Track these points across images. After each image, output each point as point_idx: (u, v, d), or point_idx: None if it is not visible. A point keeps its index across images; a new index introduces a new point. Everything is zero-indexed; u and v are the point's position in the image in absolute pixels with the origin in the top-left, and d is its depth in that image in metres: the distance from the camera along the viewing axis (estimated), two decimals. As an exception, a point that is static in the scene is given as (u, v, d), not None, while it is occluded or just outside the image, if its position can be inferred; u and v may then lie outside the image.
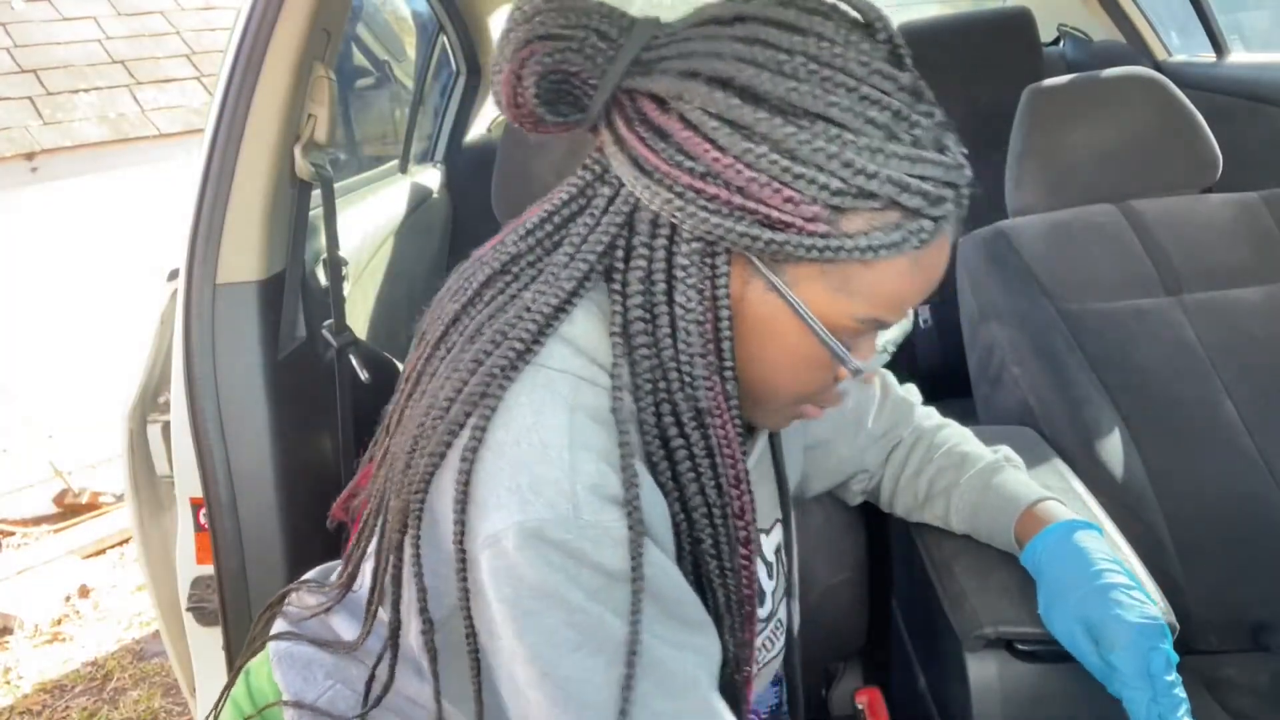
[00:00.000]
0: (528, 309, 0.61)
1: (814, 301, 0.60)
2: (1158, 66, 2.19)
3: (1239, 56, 2.08)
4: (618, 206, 0.62)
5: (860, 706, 1.05)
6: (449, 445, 0.60)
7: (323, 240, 1.38)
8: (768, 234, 0.57)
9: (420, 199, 2.28)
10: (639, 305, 0.61)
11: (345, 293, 1.40)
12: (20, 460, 3.43)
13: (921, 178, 0.57)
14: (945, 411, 1.03)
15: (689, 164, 0.58)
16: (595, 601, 0.57)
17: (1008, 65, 2.17)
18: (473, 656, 0.62)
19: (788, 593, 0.87)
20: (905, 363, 2.20)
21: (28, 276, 3.51)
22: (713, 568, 0.66)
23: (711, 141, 0.57)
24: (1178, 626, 0.85)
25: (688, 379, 0.62)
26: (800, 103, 0.56)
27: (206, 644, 1.25)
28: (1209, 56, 2.12)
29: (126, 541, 3.04)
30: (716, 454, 0.63)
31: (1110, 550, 0.82)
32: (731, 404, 0.63)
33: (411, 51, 2.71)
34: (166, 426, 1.23)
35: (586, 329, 0.63)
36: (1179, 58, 2.28)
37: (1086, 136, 1.46)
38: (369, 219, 1.92)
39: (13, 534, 3.17)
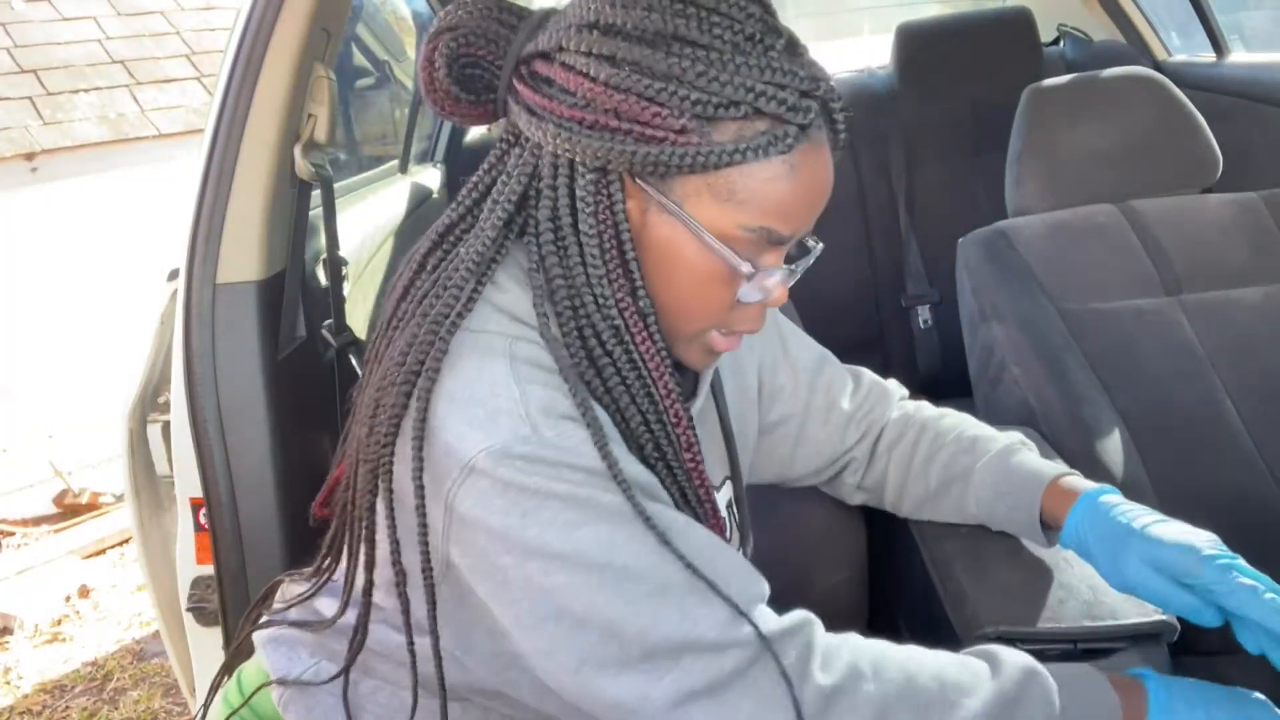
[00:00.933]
0: (460, 261, 0.69)
1: (704, 215, 0.65)
2: (1158, 66, 2.19)
3: (1239, 56, 2.07)
4: (525, 159, 0.69)
5: (860, 706, 1.05)
6: (409, 395, 0.65)
7: (323, 240, 1.38)
8: (644, 149, 0.63)
9: (420, 199, 2.28)
10: (550, 241, 0.68)
11: (345, 293, 1.40)
12: (20, 460, 3.43)
13: (778, 85, 0.63)
14: (945, 412, 1.03)
15: (570, 99, 0.65)
16: (584, 487, 0.62)
17: (1008, 65, 2.17)
18: (428, 585, 0.66)
19: (742, 543, 0.91)
20: (905, 363, 2.20)
21: (28, 276, 3.51)
22: (661, 469, 0.70)
23: (584, 74, 0.64)
24: (1178, 626, 0.85)
25: (602, 300, 0.67)
26: (653, 27, 0.63)
27: (206, 644, 1.25)
28: (1209, 56, 2.12)
29: (126, 541, 3.04)
30: (642, 366, 0.68)
31: (1134, 503, 0.82)
32: (649, 320, 0.68)
33: (411, 51, 2.71)
34: (166, 426, 1.23)
35: (514, 295, 0.69)
36: (1179, 58, 2.28)
37: (1086, 136, 1.46)
38: (369, 219, 1.92)
39: (13, 534, 3.17)
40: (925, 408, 1.01)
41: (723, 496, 0.87)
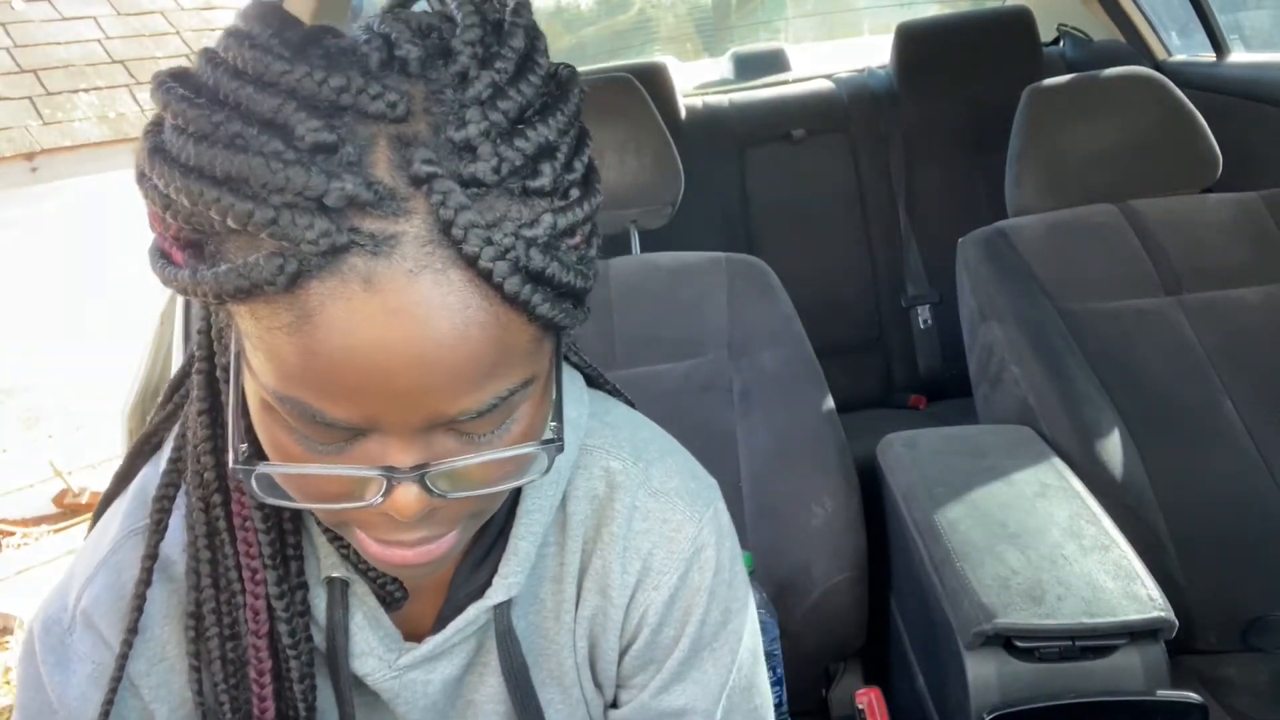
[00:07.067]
0: None
1: (252, 368, 0.45)
2: (1158, 66, 2.19)
3: (1239, 56, 2.07)
4: None
5: (860, 707, 1.05)
6: None
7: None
8: (165, 268, 0.44)
9: (420, 199, 2.28)
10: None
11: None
12: (20, 460, 3.43)
13: (275, 188, 0.39)
14: (945, 411, 1.03)
15: None
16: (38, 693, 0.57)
17: (1008, 65, 2.18)
18: None
19: None
20: (905, 363, 2.21)
21: (27, 277, 3.51)
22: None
23: None
24: (1176, 623, 0.85)
25: (202, 457, 0.57)
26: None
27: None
28: (1209, 56, 2.12)
29: (126, 541, 3.04)
30: (227, 550, 0.56)
31: None
32: (248, 501, 0.55)
33: (412, 51, 2.71)
34: (166, 426, 1.23)
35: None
36: (1179, 58, 2.27)
37: (1086, 136, 1.46)
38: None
39: (13, 534, 3.17)
40: None
41: None
